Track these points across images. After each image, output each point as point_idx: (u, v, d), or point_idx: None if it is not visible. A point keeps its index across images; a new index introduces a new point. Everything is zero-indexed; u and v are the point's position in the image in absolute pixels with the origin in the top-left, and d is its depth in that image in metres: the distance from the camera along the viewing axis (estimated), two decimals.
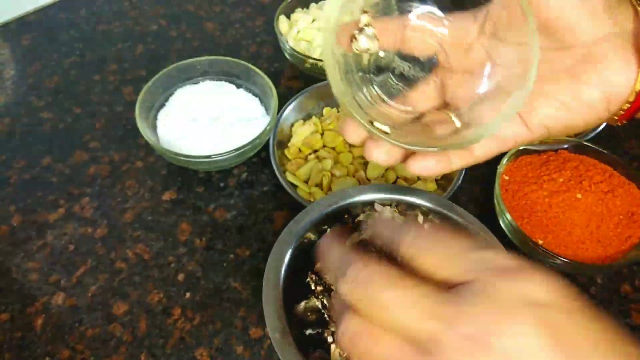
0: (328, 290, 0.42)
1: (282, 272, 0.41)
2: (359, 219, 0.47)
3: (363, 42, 0.29)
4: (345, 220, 0.48)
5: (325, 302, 0.42)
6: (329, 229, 0.47)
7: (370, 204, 0.47)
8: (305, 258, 0.44)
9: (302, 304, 0.43)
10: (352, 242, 0.45)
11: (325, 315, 0.41)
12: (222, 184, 0.61)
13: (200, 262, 0.54)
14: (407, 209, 0.47)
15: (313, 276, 0.44)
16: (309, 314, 0.42)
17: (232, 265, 0.54)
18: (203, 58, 0.64)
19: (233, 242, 0.56)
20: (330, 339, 0.40)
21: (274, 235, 0.45)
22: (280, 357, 0.36)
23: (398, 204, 0.47)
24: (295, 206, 0.51)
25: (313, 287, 0.43)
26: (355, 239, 0.45)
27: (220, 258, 0.54)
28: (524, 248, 0.52)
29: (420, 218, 0.46)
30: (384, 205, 0.47)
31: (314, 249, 0.41)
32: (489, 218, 0.55)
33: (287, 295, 0.40)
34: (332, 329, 0.40)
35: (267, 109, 0.63)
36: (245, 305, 0.51)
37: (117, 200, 0.59)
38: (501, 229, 0.54)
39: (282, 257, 0.42)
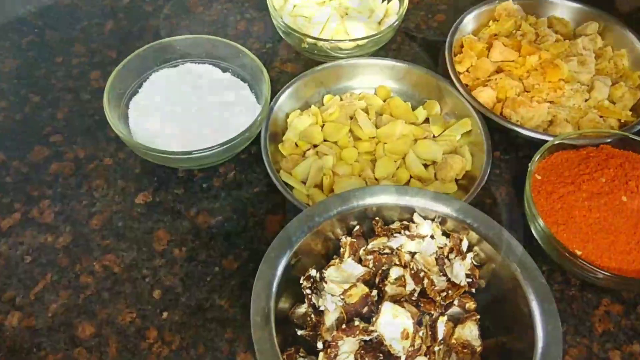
0: (319, 291, 0.45)
1: (286, 254, 0.44)
2: (392, 226, 0.48)
3: None
4: (373, 224, 0.49)
5: (314, 302, 0.44)
6: (357, 226, 0.49)
7: (410, 211, 0.48)
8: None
9: (303, 307, 0.45)
10: (369, 250, 0.46)
11: (314, 318, 0.44)
12: (205, 185, 0.61)
13: (180, 275, 0.54)
14: (453, 229, 0.48)
15: (312, 271, 0.46)
16: (308, 318, 0.44)
17: (218, 279, 0.54)
18: (183, 37, 0.64)
19: (219, 252, 0.56)
20: (320, 346, 0.42)
21: (266, 244, 0.45)
22: (255, 344, 0.39)
23: (443, 220, 0.48)
24: (291, 210, 0.51)
25: (306, 287, 0.45)
26: (378, 246, 0.46)
27: (203, 271, 0.54)
28: (559, 260, 0.52)
29: (465, 244, 0.47)
30: (425, 217, 0.48)
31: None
32: (518, 225, 0.55)
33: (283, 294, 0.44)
34: (325, 337, 0.42)
35: (258, 96, 0.63)
36: (233, 326, 0.51)
37: (83, 204, 0.59)
38: (533, 237, 0.53)
39: (286, 247, 0.44)
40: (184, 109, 0.60)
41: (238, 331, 0.51)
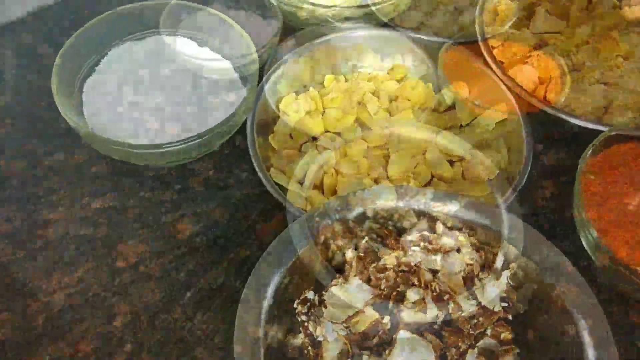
0: (317, 318, 0.45)
1: (279, 271, 0.44)
2: (409, 237, 0.48)
3: None
4: (386, 234, 0.49)
5: (311, 331, 0.44)
6: (366, 237, 0.49)
7: (432, 219, 0.49)
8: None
9: (300, 336, 0.45)
10: (381, 267, 0.46)
11: (311, 351, 0.44)
12: (179, 186, 0.61)
13: (150, 296, 0.54)
14: (484, 242, 0.48)
15: (309, 293, 0.46)
16: (305, 351, 0.44)
17: (199, 297, 0.54)
18: (151, 2, 0.64)
19: (200, 265, 0.56)
20: None
21: (256, 256, 0.45)
22: None
23: (473, 230, 0.48)
24: (285, 216, 0.51)
25: (301, 312, 0.45)
26: (391, 262, 0.46)
27: (179, 289, 0.54)
28: (615, 278, 0.52)
29: (500, 260, 0.47)
30: (450, 227, 0.48)
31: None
32: (565, 235, 0.55)
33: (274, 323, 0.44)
34: None
35: (243, 77, 0.63)
36: (217, 357, 0.51)
37: (29, 210, 0.58)
38: (583, 250, 0.53)
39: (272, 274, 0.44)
40: (151, 92, 0.60)
41: (224, 358, 0.51)
